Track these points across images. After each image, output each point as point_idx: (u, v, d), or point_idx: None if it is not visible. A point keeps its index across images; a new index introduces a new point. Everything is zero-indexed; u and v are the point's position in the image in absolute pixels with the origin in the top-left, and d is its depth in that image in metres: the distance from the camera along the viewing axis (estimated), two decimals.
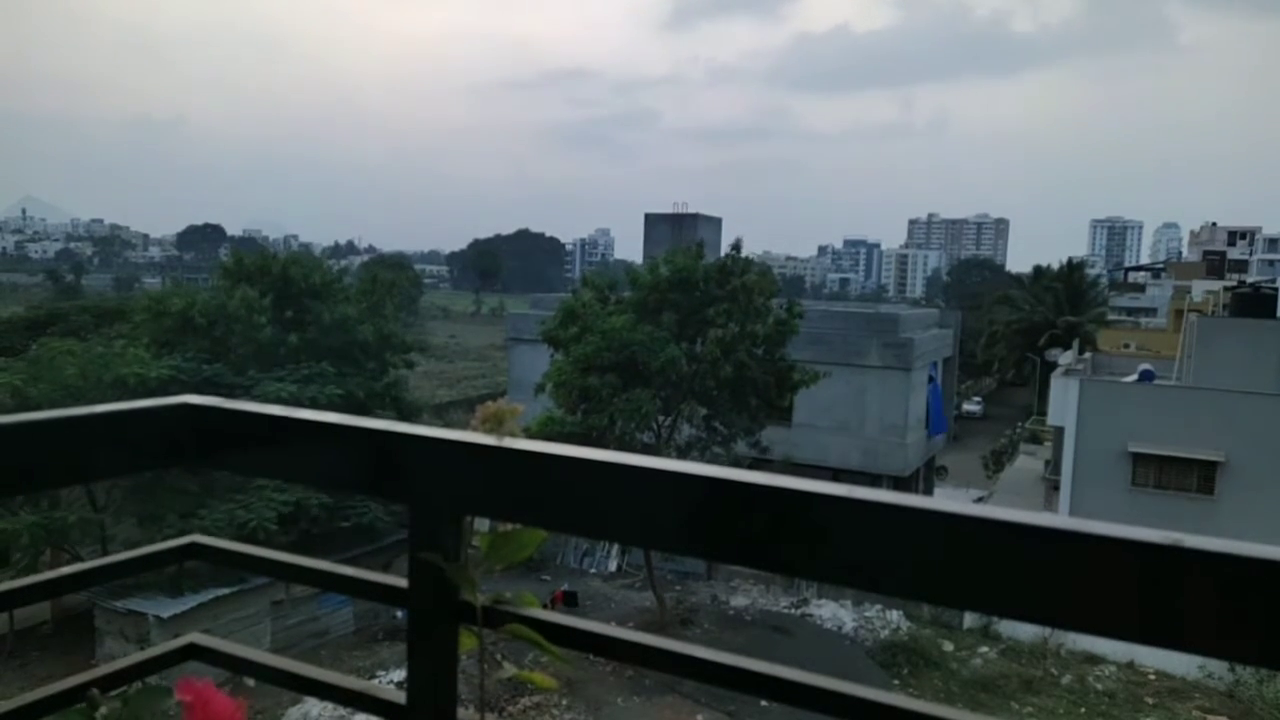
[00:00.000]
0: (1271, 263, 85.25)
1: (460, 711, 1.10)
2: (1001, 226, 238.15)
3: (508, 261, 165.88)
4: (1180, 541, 0.68)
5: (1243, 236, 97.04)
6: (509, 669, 1.24)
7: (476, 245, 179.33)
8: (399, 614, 16.00)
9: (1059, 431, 26.53)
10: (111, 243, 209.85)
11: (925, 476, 32.48)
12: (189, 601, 17.39)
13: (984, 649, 19.88)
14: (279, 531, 17.64)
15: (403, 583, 1.13)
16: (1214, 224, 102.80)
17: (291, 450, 1.19)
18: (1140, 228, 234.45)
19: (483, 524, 1.16)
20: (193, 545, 1.41)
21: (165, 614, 16.97)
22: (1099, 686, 18.23)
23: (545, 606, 1.13)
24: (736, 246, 21.86)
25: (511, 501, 1.02)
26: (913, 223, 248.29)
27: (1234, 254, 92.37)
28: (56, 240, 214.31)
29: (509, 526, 1.09)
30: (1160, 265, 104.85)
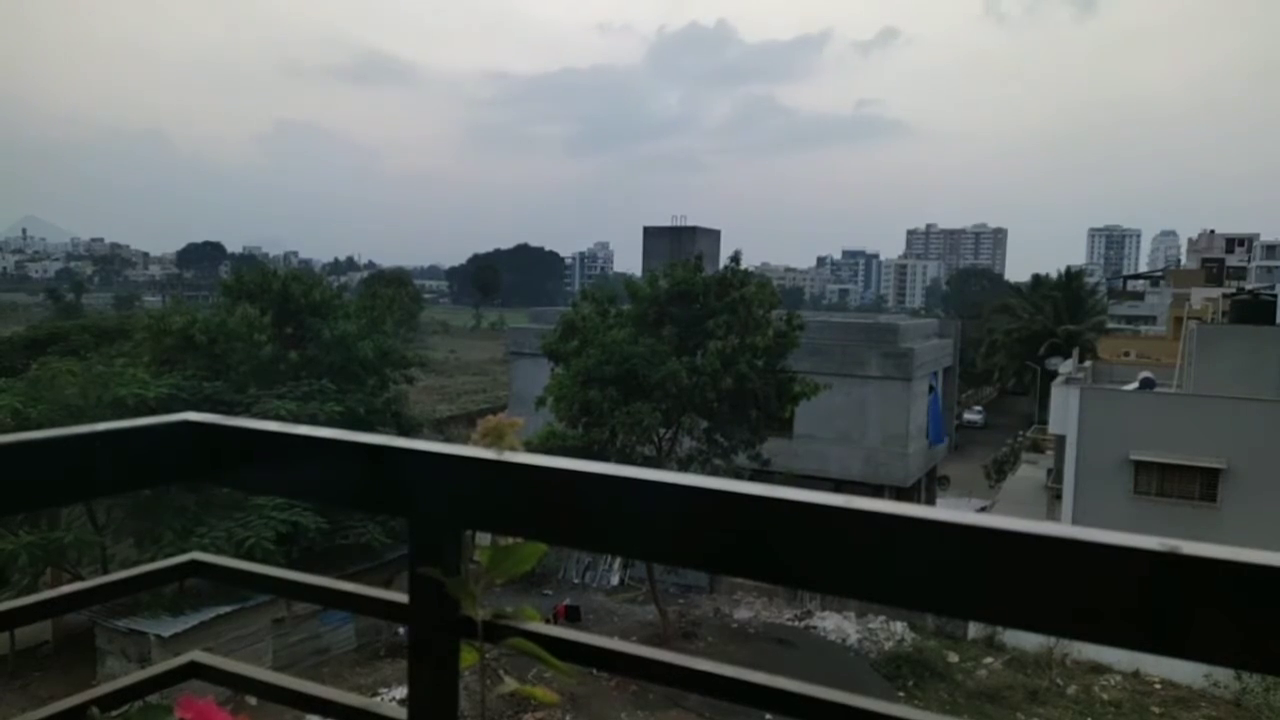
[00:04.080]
0: (1270, 269, 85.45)
1: None
2: (1000, 236, 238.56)
3: (507, 276, 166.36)
4: (1177, 548, 0.68)
5: (1241, 243, 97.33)
6: (510, 684, 1.23)
7: (476, 260, 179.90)
8: (401, 630, 15.93)
9: (1060, 440, 26.51)
10: (112, 261, 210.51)
11: (927, 487, 32.43)
12: (190, 620, 17.34)
13: (989, 659, 19.79)
14: (278, 551, 17.59)
15: (403, 598, 1.12)
16: (1212, 231, 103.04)
17: (292, 466, 1.19)
18: (1138, 236, 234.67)
19: (484, 538, 1.16)
20: (193, 563, 1.41)
21: (166, 633, 16.92)
22: (1105, 696, 18.15)
23: (547, 622, 1.12)
24: (735, 259, 21.92)
25: (512, 515, 1.02)
26: (911, 233, 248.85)
27: (1232, 261, 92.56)
28: (57, 259, 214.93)
29: (510, 540, 1.09)
30: (1159, 273, 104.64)
